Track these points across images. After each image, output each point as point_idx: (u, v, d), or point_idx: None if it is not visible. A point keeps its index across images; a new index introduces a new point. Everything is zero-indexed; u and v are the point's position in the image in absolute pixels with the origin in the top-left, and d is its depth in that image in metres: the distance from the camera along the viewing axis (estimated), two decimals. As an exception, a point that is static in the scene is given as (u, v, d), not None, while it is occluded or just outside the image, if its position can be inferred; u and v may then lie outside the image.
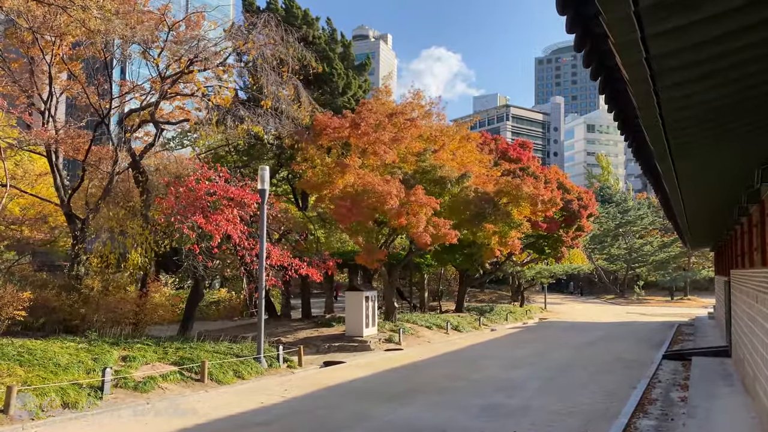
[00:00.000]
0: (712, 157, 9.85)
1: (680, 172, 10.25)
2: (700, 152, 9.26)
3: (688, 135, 7.92)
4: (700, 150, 9.08)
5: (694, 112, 7.04)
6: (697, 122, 7.52)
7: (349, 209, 22.13)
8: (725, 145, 9.23)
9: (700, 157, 9.65)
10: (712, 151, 9.43)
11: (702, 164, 10.26)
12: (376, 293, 26.49)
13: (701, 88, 6.27)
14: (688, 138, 8.08)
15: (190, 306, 22.76)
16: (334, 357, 22.19)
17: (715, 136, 8.46)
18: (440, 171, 24.87)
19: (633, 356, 22.55)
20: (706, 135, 8.28)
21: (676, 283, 65.36)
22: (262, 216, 18.15)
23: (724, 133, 8.42)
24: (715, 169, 11.08)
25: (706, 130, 8.04)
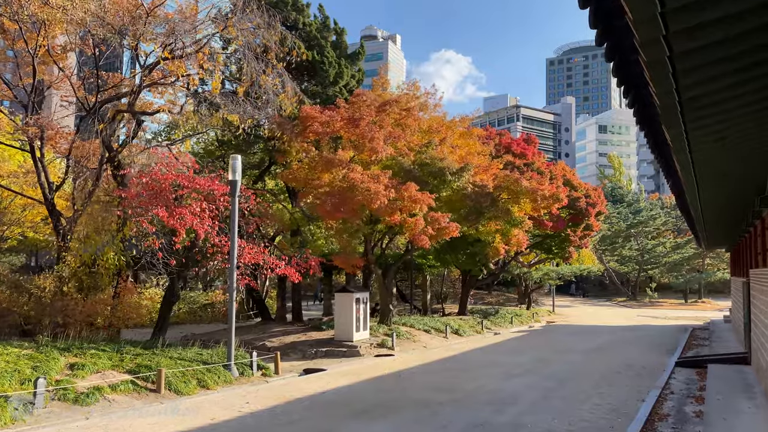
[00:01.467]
0: (732, 145, 9.05)
1: (697, 158, 9.42)
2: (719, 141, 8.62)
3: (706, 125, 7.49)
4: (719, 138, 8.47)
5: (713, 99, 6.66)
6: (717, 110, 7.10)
7: (336, 206, 20.52)
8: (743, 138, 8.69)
9: (720, 146, 8.98)
10: (732, 140, 8.74)
11: (722, 151, 9.43)
12: (368, 294, 24.85)
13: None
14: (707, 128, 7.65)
15: (165, 308, 21.20)
16: (319, 363, 20.59)
17: (733, 123, 7.91)
18: (440, 163, 23.19)
19: (643, 363, 20.79)
20: (725, 122, 7.72)
21: (689, 286, 63.27)
22: (233, 210, 16.57)
23: (742, 123, 7.87)
24: (738, 156, 9.96)
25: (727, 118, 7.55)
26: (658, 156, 10.44)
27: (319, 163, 21.91)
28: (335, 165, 21.53)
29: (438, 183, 23.23)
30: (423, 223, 21.24)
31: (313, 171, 21.92)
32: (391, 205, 20.88)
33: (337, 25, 28.73)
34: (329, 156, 21.74)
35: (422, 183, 22.64)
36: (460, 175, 23.33)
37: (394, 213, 20.99)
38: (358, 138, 22.29)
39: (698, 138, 7.88)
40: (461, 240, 32.02)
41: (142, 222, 15.63)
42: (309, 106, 22.74)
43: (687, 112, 6.75)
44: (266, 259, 17.48)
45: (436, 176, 23.03)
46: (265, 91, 21.79)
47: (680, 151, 8.65)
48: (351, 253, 22.15)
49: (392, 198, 20.89)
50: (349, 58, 28.56)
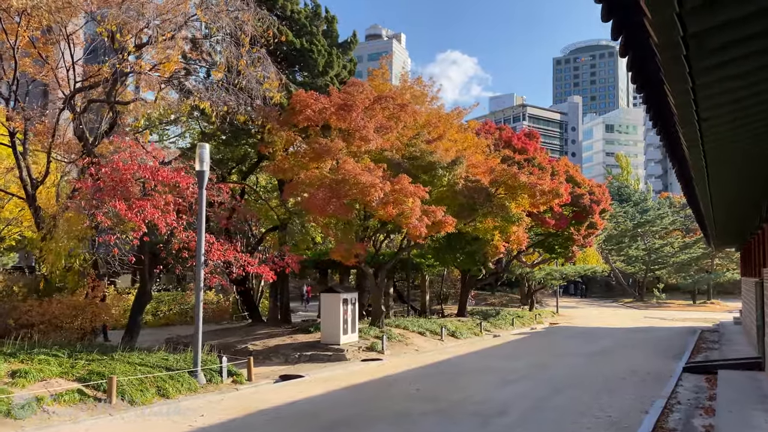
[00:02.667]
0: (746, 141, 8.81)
1: (710, 155, 9.14)
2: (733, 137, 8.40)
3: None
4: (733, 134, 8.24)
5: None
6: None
7: (326, 200, 19.13)
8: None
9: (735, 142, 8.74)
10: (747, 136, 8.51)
11: (736, 149, 9.17)
12: (356, 295, 23.50)
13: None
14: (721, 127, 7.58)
15: (136, 309, 19.91)
16: (301, 369, 19.27)
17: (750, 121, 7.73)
18: (430, 156, 21.82)
19: (648, 368, 19.39)
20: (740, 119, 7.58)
21: (698, 286, 61.64)
22: (200, 203, 15.26)
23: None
24: (752, 154, 9.56)
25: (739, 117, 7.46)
26: (668, 151, 10.27)
27: (308, 152, 20.56)
28: (325, 155, 20.16)
29: (429, 178, 21.86)
30: (419, 213, 19.86)
31: (301, 162, 20.58)
32: (385, 198, 19.55)
33: (329, 12, 27.41)
34: (320, 144, 20.35)
35: (412, 177, 21.29)
36: (451, 169, 21.95)
37: (389, 204, 19.64)
38: (348, 127, 20.93)
39: (712, 135, 7.72)
40: (459, 238, 30.66)
41: (97, 215, 14.32)
42: (303, 91, 21.36)
43: (702, 111, 6.69)
44: (237, 257, 16.14)
45: (426, 170, 21.65)
46: (248, 79, 20.47)
47: (694, 147, 8.41)
48: (350, 242, 20.73)
49: (386, 191, 19.55)
50: (341, 47, 27.23)
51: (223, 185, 19.08)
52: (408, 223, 19.59)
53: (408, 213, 19.52)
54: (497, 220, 24.99)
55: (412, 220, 19.52)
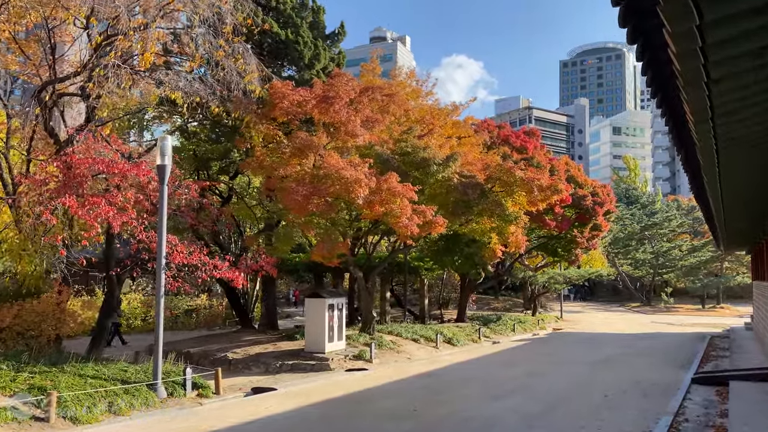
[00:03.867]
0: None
1: (723, 157, 9.24)
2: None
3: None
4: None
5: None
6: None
7: (306, 197, 17.78)
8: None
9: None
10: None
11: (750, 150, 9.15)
12: (344, 300, 22.20)
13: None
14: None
15: (103, 315, 18.64)
16: (280, 379, 17.96)
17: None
18: (423, 152, 20.49)
19: (654, 378, 17.96)
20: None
21: (707, 290, 60.02)
22: (162, 199, 13.98)
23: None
24: None
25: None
26: (674, 140, 10.09)
27: (289, 147, 19.25)
28: (307, 149, 18.84)
29: (421, 175, 20.53)
30: (409, 212, 18.52)
31: (282, 157, 19.28)
32: (371, 196, 18.22)
33: (316, 3, 26.15)
34: (301, 139, 19.03)
35: (403, 174, 19.97)
36: (446, 166, 20.61)
37: (375, 204, 18.31)
38: (332, 120, 19.62)
39: (726, 134, 7.68)
40: (456, 240, 29.35)
41: (43, 213, 13.03)
42: (279, 82, 20.06)
43: (717, 117, 6.78)
44: (203, 260, 14.82)
45: (418, 167, 20.32)
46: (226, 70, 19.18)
47: (706, 148, 8.44)
48: (333, 241, 19.36)
49: (373, 188, 18.22)
50: (328, 39, 25.96)
51: (193, 183, 17.79)
52: (397, 223, 18.26)
53: (397, 212, 18.19)
54: (494, 220, 23.64)
55: (402, 219, 18.19)
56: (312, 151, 18.74)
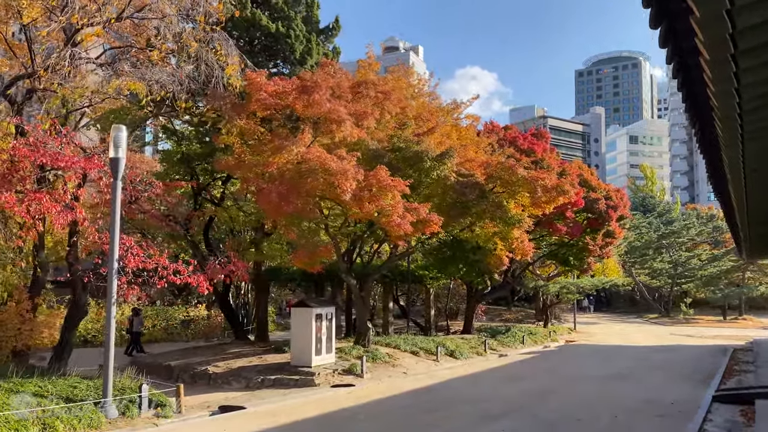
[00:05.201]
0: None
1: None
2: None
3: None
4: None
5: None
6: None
7: (283, 196, 16.25)
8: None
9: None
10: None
11: None
12: (333, 310, 20.59)
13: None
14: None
15: (67, 326, 17.14)
16: (259, 395, 16.39)
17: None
18: (416, 146, 18.93)
19: (671, 396, 16.21)
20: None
21: (728, 301, 57.63)
22: (114, 196, 12.52)
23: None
24: None
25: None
26: (705, 154, 10.37)
27: (269, 144, 17.77)
28: (288, 143, 17.31)
29: (415, 172, 18.96)
30: (401, 210, 16.95)
31: (261, 155, 17.79)
32: (360, 192, 16.67)
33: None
34: (281, 135, 17.54)
35: (394, 170, 18.42)
36: (441, 162, 19.01)
37: (364, 201, 16.75)
38: (315, 113, 18.12)
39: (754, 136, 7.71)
40: (460, 247, 27.73)
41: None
42: (254, 72, 18.61)
43: (746, 124, 7.01)
44: (161, 263, 13.30)
45: (411, 163, 18.75)
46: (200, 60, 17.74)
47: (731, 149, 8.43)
48: (315, 245, 17.78)
49: (360, 181, 16.67)
50: (322, 33, 24.55)
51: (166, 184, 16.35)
52: (389, 222, 16.68)
53: (388, 210, 16.61)
54: (498, 224, 21.99)
55: (394, 217, 16.61)
56: (294, 145, 17.18)
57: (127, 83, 15.26)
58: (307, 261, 17.53)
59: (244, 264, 16.56)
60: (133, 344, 26.84)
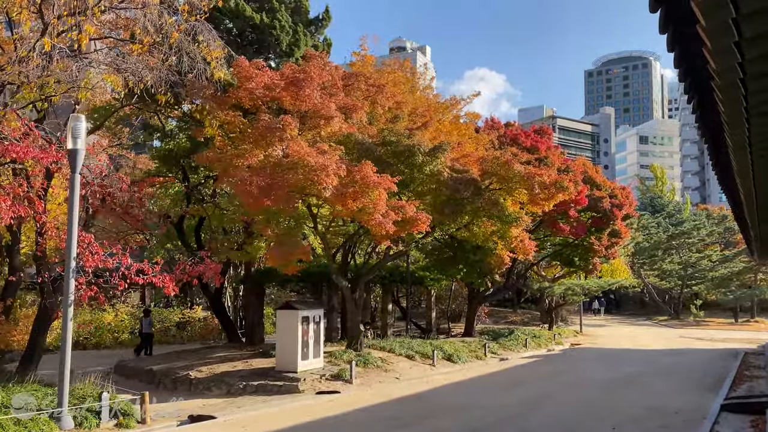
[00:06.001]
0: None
1: None
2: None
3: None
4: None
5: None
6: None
7: (264, 189, 15.31)
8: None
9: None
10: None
11: None
12: (321, 312, 19.67)
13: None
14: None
15: (36, 329, 16.25)
16: (236, 403, 15.51)
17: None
18: (407, 140, 17.97)
19: (677, 404, 15.19)
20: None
21: (740, 303, 56.30)
22: (72, 190, 11.65)
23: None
24: None
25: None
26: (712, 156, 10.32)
27: (251, 134, 16.85)
28: (271, 135, 16.37)
29: (406, 167, 17.99)
30: (383, 208, 16.00)
31: (243, 147, 16.89)
32: (342, 188, 15.71)
33: (298, -14, 23.90)
34: (265, 122, 16.60)
35: (384, 165, 17.47)
36: (434, 157, 18.03)
37: (347, 198, 15.80)
38: (304, 107, 17.22)
39: None
40: (460, 247, 26.77)
41: None
42: (244, 59, 17.72)
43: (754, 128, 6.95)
44: (124, 262, 12.38)
45: (403, 158, 17.78)
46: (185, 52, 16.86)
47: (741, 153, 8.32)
48: (293, 245, 16.83)
49: (342, 177, 15.73)
50: (311, 25, 23.61)
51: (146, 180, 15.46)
52: (370, 220, 15.73)
53: (370, 208, 15.67)
54: (495, 222, 21.00)
55: (376, 215, 15.66)
56: (277, 138, 16.25)
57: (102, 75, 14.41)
58: (282, 261, 16.59)
59: (216, 265, 15.63)
60: (144, 345, 26.42)
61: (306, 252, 17.06)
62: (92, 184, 13.57)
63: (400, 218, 16.30)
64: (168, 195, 26.72)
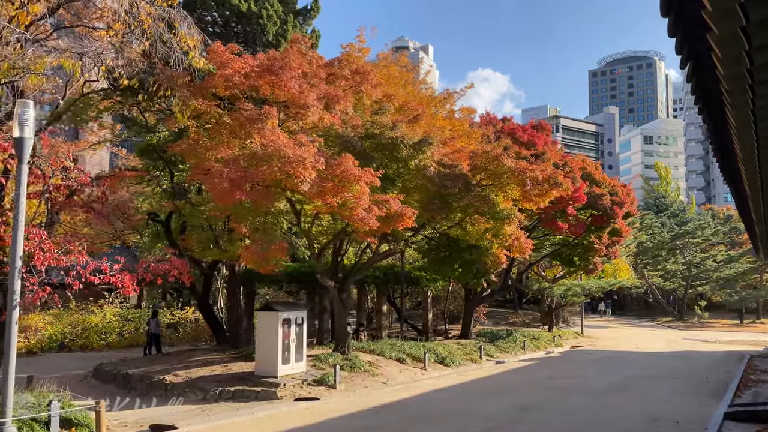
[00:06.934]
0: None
1: None
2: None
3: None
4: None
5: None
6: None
7: (236, 182, 14.38)
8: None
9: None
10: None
11: None
12: (304, 314, 18.73)
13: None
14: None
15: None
16: (208, 410, 14.62)
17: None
18: (390, 132, 17.02)
19: (677, 412, 14.21)
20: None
21: (746, 304, 55.28)
22: (19, 182, 10.75)
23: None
24: None
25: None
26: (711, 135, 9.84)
27: (228, 125, 15.95)
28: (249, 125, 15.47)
29: (391, 162, 17.06)
30: (366, 202, 15.08)
31: (219, 137, 15.99)
32: (322, 183, 14.77)
33: (285, -26, 22.97)
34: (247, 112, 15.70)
35: (367, 159, 16.55)
36: (419, 150, 17.09)
37: (326, 193, 14.86)
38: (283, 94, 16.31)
39: None
40: (455, 246, 25.82)
41: None
42: (220, 44, 16.83)
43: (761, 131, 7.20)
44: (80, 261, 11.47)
45: (386, 151, 16.84)
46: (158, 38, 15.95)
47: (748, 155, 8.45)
48: (268, 242, 15.87)
49: (322, 171, 14.81)
50: (300, 15, 22.67)
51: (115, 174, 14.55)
52: (352, 216, 14.79)
53: (352, 203, 14.73)
54: (488, 220, 20.04)
55: (358, 211, 14.71)
56: (255, 128, 15.32)
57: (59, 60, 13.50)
58: (258, 259, 15.64)
59: (183, 262, 14.69)
60: (152, 345, 26.11)
61: (284, 250, 16.11)
62: (48, 176, 12.66)
63: (385, 213, 15.35)
64: (156, 192, 25.94)
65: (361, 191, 14.79)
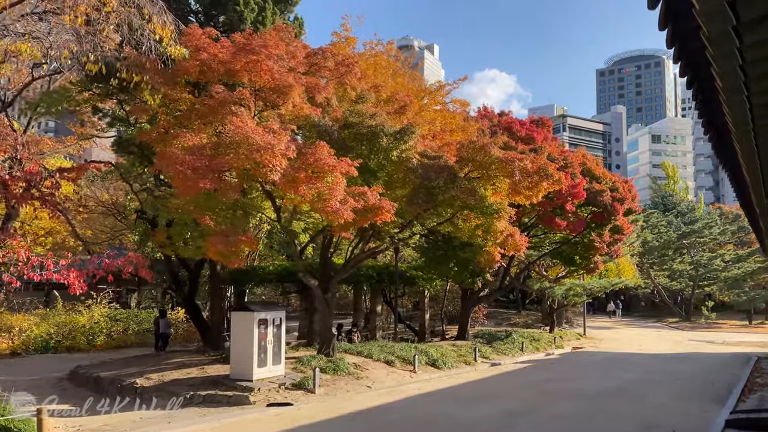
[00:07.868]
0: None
1: None
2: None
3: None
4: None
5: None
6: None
7: (199, 171, 13.46)
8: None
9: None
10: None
11: None
12: (282, 315, 17.79)
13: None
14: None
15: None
16: (172, 416, 13.68)
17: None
18: (370, 120, 16.07)
19: (676, 420, 13.21)
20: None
21: (754, 304, 53.98)
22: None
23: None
24: None
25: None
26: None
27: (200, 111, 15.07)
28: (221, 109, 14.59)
29: (372, 153, 16.10)
30: (341, 194, 14.14)
31: (188, 123, 15.09)
32: (294, 173, 13.83)
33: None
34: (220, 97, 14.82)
35: (346, 149, 15.61)
36: (401, 140, 16.12)
37: (299, 183, 13.91)
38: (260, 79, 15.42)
39: None
40: (449, 244, 24.89)
41: None
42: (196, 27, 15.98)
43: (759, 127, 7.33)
44: (19, 255, 10.59)
45: (365, 140, 15.88)
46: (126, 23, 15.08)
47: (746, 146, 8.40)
48: (234, 233, 14.92)
49: (293, 159, 13.88)
50: (279, 2, 21.74)
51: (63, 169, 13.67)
52: (325, 208, 13.83)
53: (326, 194, 13.79)
54: (478, 215, 19.04)
55: (332, 202, 13.76)
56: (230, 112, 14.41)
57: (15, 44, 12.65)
58: (223, 251, 14.69)
59: (140, 257, 13.81)
60: (160, 345, 25.78)
61: (252, 242, 15.17)
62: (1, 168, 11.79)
63: (362, 206, 14.39)
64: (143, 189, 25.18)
65: (336, 182, 13.87)
